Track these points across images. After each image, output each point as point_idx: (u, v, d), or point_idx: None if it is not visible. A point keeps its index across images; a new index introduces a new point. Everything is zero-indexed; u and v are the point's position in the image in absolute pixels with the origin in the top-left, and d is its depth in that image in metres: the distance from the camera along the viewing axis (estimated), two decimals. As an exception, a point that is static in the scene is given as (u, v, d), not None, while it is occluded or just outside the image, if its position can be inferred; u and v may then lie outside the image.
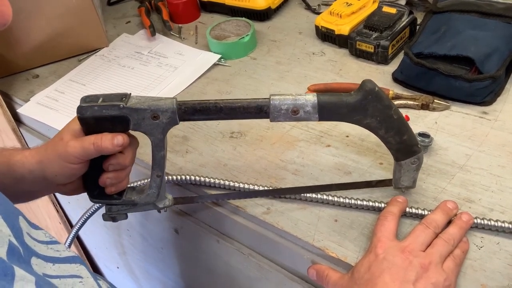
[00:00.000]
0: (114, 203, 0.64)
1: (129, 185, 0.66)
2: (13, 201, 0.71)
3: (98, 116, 0.57)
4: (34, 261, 0.46)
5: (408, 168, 0.61)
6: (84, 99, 0.58)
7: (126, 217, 0.67)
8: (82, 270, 0.51)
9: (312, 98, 0.56)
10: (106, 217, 0.66)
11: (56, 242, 0.51)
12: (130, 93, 0.59)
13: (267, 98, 0.57)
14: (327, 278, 0.60)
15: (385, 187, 0.66)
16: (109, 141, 0.57)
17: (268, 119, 0.58)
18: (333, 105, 0.56)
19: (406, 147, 0.59)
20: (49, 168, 0.60)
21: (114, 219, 0.66)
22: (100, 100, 0.57)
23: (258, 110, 0.57)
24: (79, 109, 0.57)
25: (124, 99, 0.57)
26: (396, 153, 0.60)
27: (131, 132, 0.60)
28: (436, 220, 0.59)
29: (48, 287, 0.42)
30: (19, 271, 0.39)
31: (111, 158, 0.60)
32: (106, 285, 0.55)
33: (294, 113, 0.57)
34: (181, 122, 0.58)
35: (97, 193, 0.63)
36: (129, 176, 0.64)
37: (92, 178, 0.62)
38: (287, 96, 0.57)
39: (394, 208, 0.61)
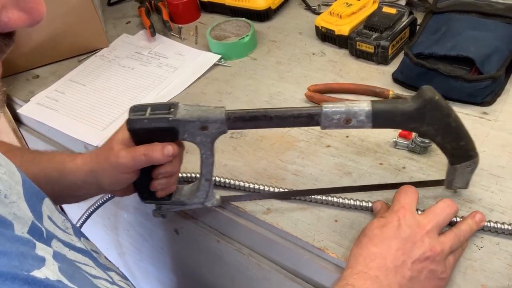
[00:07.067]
0: (164, 203, 0.67)
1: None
2: (62, 202, 0.73)
3: (147, 128, 0.58)
4: (54, 243, 0.48)
5: (463, 171, 0.60)
6: (133, 109, 0.59)
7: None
8: (90, 263, 0.53)
9: (366, 106, 0.54)
10: (156, 214, 0.69)
11: (70, 234, 0.54)
12: (178, 103, 0.59)
13: (319, 107, 0.55)
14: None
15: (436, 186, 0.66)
16: (159, 151, 0.58)
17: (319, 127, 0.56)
18: (388, 113, 0.55)
19: (463, 152, 0.58)
20: (102, 177, 0.63)
21: (163, 216, 0.69)
22: (149, 110, 0.58)
23: (309, 119, 0.56)
24: (129, 122, 0.58)
25: (172, 109, 0.58)
26: (451, 157, 0.59)
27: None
28: (455, 204, 0.59)
29: (64, 262, 0.44)
30: (38, 244, 0.41)
31: (160, 167, 0.61)
32: (117, 277, 0.57)
33: (346, 122, 0.55)
34: None
35: (147, 195, 0.65)
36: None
37: (143, 183, 0.64)
38: (340, 104, 0.55)
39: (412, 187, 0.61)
